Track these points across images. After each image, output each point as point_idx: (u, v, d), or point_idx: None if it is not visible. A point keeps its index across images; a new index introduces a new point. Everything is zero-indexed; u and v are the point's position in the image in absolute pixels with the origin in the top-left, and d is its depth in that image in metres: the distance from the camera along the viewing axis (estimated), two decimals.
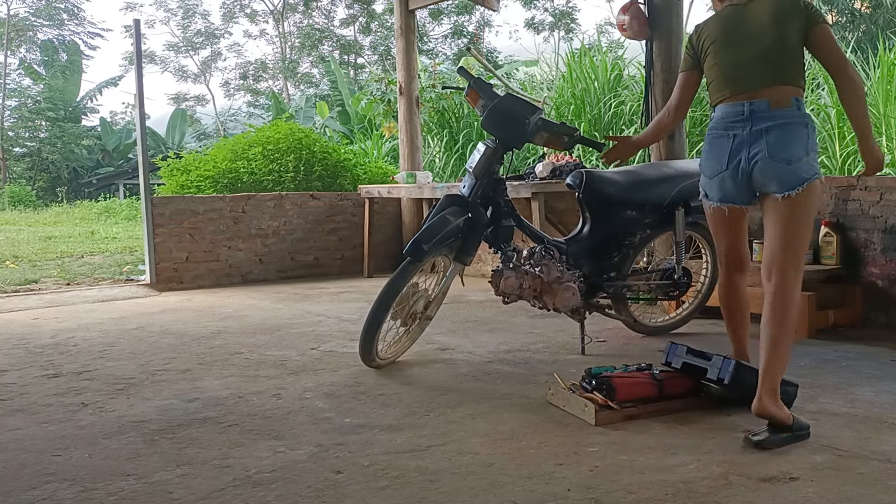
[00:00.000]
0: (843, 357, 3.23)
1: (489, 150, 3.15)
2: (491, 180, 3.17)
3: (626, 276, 3.48)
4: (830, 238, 3.86)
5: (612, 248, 3.42)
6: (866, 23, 13.95)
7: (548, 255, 3.24)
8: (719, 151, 2.53)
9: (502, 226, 3.22)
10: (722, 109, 2.55)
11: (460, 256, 3.15)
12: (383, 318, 3.03)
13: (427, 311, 3.20)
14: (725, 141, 2.51)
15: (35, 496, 1.95)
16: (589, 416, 2.41)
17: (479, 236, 3.15)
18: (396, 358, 3.25)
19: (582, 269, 3.32)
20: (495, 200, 3.21)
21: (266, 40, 45.12)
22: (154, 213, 5.65)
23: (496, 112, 3.14)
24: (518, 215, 3.31)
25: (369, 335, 3.03)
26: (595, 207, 3.37)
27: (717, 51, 2.59)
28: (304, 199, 6.37)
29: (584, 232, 3.40)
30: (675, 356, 2.61)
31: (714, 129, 2.57)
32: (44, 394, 2.89)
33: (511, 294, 3.19)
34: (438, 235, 3.01)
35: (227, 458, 2.18)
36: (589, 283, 3.35)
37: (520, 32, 58.25)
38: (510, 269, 3.17)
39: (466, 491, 1.92)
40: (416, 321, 3.18)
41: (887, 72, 6.90)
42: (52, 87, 26.65)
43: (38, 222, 16.30)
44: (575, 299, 3.19)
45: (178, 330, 4.10)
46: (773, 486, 1.90)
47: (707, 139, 2.60)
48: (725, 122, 2.52)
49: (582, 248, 3.36)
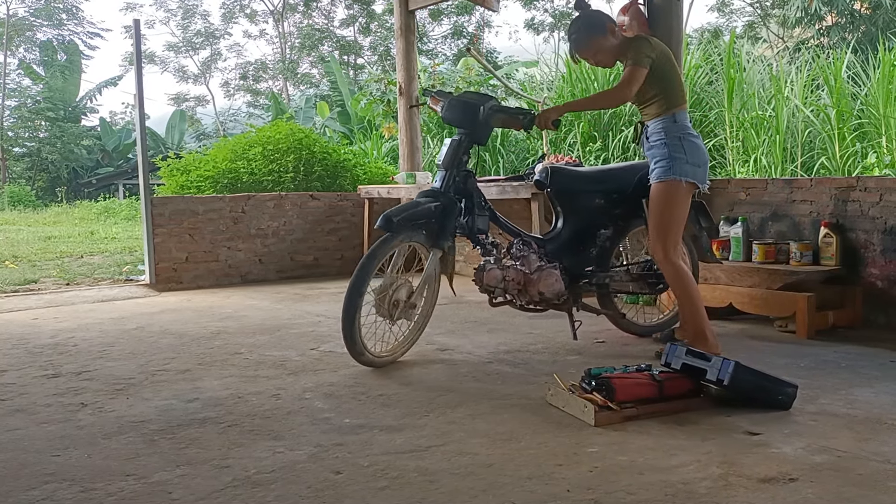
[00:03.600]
0: (843, 358, 3.24)
1: (455, 142, 3.28)
2: (461, 172, 3.26)
3: (606, 268, 3.55)
4: (830, 239, 3.86)
5: (588, 242, 3.51)
6: (866, 24, 13.94)
7: (526, 248, 3.35)
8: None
9: (476, 216, 3.29)
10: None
11: (436, 241, 3.19)
12: (359, 302, 3.01)
13: (411, 300, 3.16)
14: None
15: (34, 496, 1.95)
16: (588, 416, 2.41)
17: (451, 220, 3.20)
18: (396, 358, 3.25)
19: (562, 263, 3.39)
20: (467, 192, 3.28)
21: (266, 40, 45.26)
22: (154, 213, 5.65)
23: (452, 105, 3.36)
24: (492, 209, 3.39)
25: (348, 321, 3.00)
26: (564, 201, 3.53)
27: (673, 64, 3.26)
28: (303, 200, 6.37)
29: (558, 227, 3.53)
30: (675, 357, 2.62)
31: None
32: (43, 394, 2.89)
33: (495, 288, 3.27)
34: (408, 210, 3.11)
35: (227, 458, 2.18)
36: (570, 276, 3.42)
37: (520, 33, 58.40)
38: (492, 263, 3.26)
39: (466, 491, 1.92)
40: (398, 308, 3.13)
41: (887, 72, 6.90)
42: (52, 87, 26.65)
43: (37, 222, 16.29)
44: (559, 284, 3.30)
45: (177, 330, 4.10)
46: (772, 487, 1.90)
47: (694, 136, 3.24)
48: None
49: (559, 243, 3.47)
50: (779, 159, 7.07)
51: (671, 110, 3.22)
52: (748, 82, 7.86)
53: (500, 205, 5.26)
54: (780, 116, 7.16)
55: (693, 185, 3.21)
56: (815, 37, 14.95)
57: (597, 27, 3.27)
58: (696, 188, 3.23)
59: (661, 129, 3.22)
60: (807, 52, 10.15)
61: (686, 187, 3.19)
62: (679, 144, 3.19)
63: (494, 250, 3.33)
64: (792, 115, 7.37)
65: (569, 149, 8.06)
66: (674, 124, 3.21)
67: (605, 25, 3.26)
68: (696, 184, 3.21)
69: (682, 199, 3.22)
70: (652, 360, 2.98)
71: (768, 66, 9.09)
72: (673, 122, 3.22)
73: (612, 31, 3.28)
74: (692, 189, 3.23)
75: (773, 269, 3.82)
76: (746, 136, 7.37)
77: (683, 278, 3.23)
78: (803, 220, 4.11)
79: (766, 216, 4.28)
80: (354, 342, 3.05)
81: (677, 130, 3.21)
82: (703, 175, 3.26)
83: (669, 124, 3.21)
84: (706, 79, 8.33)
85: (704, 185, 3.27)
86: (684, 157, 3.18)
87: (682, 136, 3.20)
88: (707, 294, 4.00)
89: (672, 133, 3.20)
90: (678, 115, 3.23)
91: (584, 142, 7.92)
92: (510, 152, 9.04)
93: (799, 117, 7.33)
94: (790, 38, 16.86)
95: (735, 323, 4.03)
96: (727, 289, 3.94)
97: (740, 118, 7.48)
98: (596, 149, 7.70)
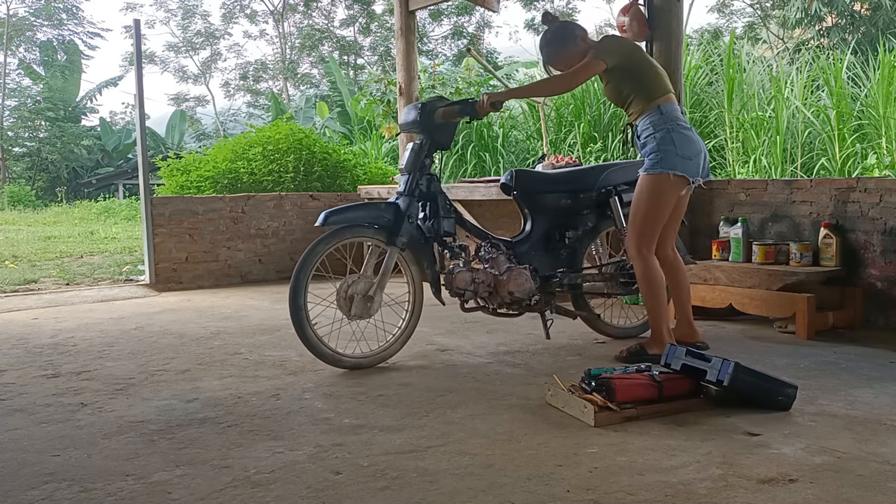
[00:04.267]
0: (843, 359, 3.24)
1: (416, 146, 3.30)
2: (424, 176, 3.28)
3: (577, 269, 3.55)
4: (830, 240, 3.86)
5: (557, 243, 3.52)
6: (866, 25, 13.94)
7: (495, 250, 3.36)
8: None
9: (442, 219, 3.29)
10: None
11: (391, 238, 3.19)
12: (302, 301, 3.03)
13: (369, 293, 3.15)
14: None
15: (34, 496, 1.94)
16: (588, 417, 2.41)
17: (404, 219, 3.19)
18: (375, 362, 3.21)
19: (532, 264, 3.40)
20: (431, 195, 3.29)
21: (266, 41, 45.27)
22: (153, 213, 5.65)
23: (405, 112, 3.40)
24: (458, 212, 3.40)
25: (296, 307, 3.02)
26: (531, 203, 3.54)
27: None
28: (303, 200, 6.37)
29: (526, 229, 3.53)
30: (675, 357, 2.62)
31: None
32: (43, 394, 2.89)
33: (465, 290, 3.26)
34: (351, 209, 3.19)
35: (227, 458, 2.18)
36: (541, 277, 3.42)
37: (520, 33, 58.23)
38: (461, 266, 3.26)
39: (466, 492, 1.92)
40: (353, 302, 3.13)
41: (887, 74, 6.90)
42: (52, 87, 26.65)
43: (37, 222, 16.30)
44: (529, 284, 3.30)
45: (177, 330, 4.10)
46: (772, 488, 1.90)
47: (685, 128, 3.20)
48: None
49: (528, 245, 3.48)
50: (779, 160, 7.07)
51: (654, 103, 3.17)
52: (748, 83, 7.86)
53: (495, 206, 5.28)
54: (780, 117, 7.16)
55: (683, 178, 3.14)
56: (815, 38, 14.95)
57: (566, 38, 3.32)
58: (687, 182, 3.16)
59: (648, 125, 3.18)
60: (807, 53, 10.16)
61: (675, 181, 3.13)
62: (668, 136, 3.14)
63: (463, 253, 3.31)
64: (792, 116, 7.37)
65: (569, 149, 8.06)
66: (661, 116, 3.15)
67: (576, 35, 3.31)
68: (686, 177, 3.15)
69: (666, 193, 3.17)
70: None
71: (768, 66, 9.09)
72: (659, 114, 3.16)
73: (582, 38, 3.31)
74: (682, 183, 3.16)
75: (773, 269, 3.82)
76: (746, 136, 7.37)
77: (653, 277, 3.22)
78: (803, 220, 4.11)
79: (766, 217, 4.28)
80: (304, 329, 3.04)
81: (665, 122, 3.15)
82: (696, 168, 3.17)
83: (656, 118, 3.16)
84: (706, 79, 8.33)
85: (698, 178, 3.19)
86: (674, 150, 3.12)
87: (671, 127, 3.14)
88: (707, 295, 4.01)
89: (659, 126, 3.15)
90: (664, 106, 3.17)
91: (585, 142, 7.92)
92: (510, 153, 9.04)
93: (799, 118, 7.34)
94: (790, 39, 16.86)
95: (735, 323, 4.03)
96: (727, 289, 3.94)
97: (740, 119, 7.48)
98: (596, 149, 7.70)
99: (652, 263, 3.22)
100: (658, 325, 3.25)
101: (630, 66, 3.20)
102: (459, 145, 9.00)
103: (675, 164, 3.12)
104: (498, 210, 5.32)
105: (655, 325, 3.26)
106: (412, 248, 3.26)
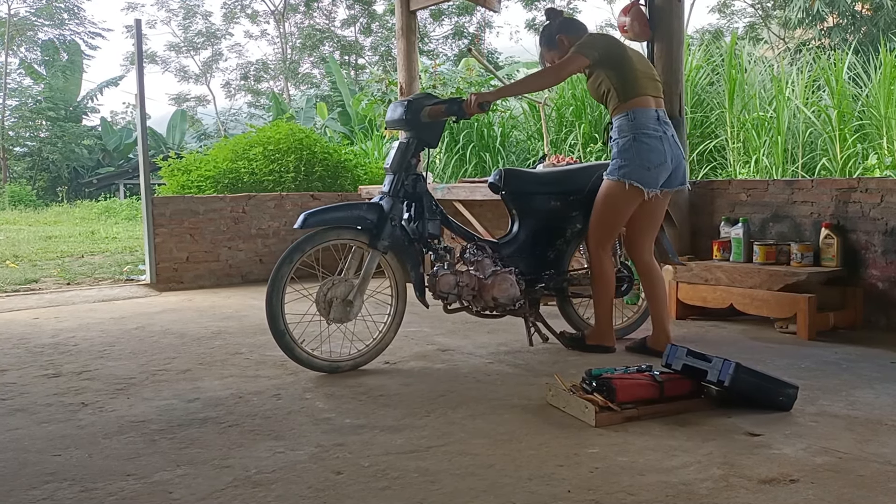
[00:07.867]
0: (844, 359, 3.23)
1: (402, 145, 3.23)
2: (409, 176, 3.21)
3: (564, 272, 3.51)
4: (831, 240, 3.86)
5: (545, 245, 3.46)
6: (867, 25, 13.94)
7: (480, 252, 3.29)
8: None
9: (427, 221, 3.23)
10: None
11: (373, 241, 3.13)
12: (279, 304, 3.05)
13: (349, 297, 3.10)
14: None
15: (35, 496, 1.95)
16: (589, 417, 2.41)
17: (387, 221, 3.13)
18: (355, 365, 3.17)
19: (518, 267, 3.35)
20: (417, 196, 3.23)
21: (267, 41, 45.20)
22: (154, 213, 5.65)
23: (391, 108, 3.35)
24: (444, 213, 3.33)
25: (272, 305, 3.03)
26: (519, 204, 3.47)
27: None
28: (304, 200, 6.37)
29: (514, 231, 3.47)
30: (675, 358, 2.61)
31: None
32: (44, 393, 2.89)
33: (449, 294, 3.21)
34: (332, 210, 3.11)
35: (227, 458, 2.18)
36: (526, 280, 3.37)
37: (521, 34, 58.22)
38: (445, 269, 3.21)
39: (467, 492, 1.92)
40: (332, 306, 3.10)
41: (888, 74, 6.89)
42: (53, 86, 26.64)
43: (38, 222, 16.30)
44: (514, 289, 3.26)
45: (178, 330, 4.10)
46: (773, 488, 1.90)
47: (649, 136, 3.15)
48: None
49: (514, 247, 3.41)
50: (780, 160, 7.06)
51: (626, 106, 3.16)
52: (749, 83, 7.85)
53: (496, 206, 5.27)
54: (781, 117, 7.16)
55: (638, 189, 3.13)
56: (817, 38, 14.94)
57: (550, 42, 3.44)
58: (642, 193, 3.15)
59: (617, 127, 3.19)
60: (808, 53, 10.15)
61: (630, 190, 3.14)
62: (629, 145, 3.13)
63: (448, 255, 3.25)
64: (793, 116, 7.36)
65: (570, 150, 8.06)
66: (630, 122, 3.14)
67: (555, 39, 3.40)
68: (641, 188, 3.13)
69: (620, 201, 3.19)
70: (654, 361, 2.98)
71: (769, 67, 9.08)
72: (629, 120, 3.15)
73: (560, 42, 3.37)
74: (637, 193, 3.15)
75: (774, 270, 3.82)
76: (747, 136, 7.36)
77: (603, 276, 3.31)
78: (804, 221, 4.11)
79: (766, 217, 4.27)
80: (279, 328, 3.03)
81: (632, 129, 3.13)
82: (654, 178, 3.14)
83: (625, 123, 3.16)
84: (707, 80, 8.32)
85: (655, 190, 3.16)
86: (633, 158, 3.12)
87: (635, 135, 3.12)
88: (708, 295, 4.01)
89: (625, 132, 3.15)
90: (636, 112, 3.14)
91: (585, 143, 7.92)
92: (511, 153, 9.04)
93: (800, 118, 7.33)
94: (791, 40, 16.86)
95: (736, 324, 4.03)
96: (728, 290, 3.94)
97: (741, 119, 7.47)
98: (597, 149, 7.69)
99: (606, 263, 3.32)
100: (603, 326, 3.38)
101: (609, 62, 3.20)
102: (460, 145, 9.00)
103: (630, 173, 3.12)
104: (499, 210, 5.32)
105: (602, 326, 3.38)
106: (395, 251, 3.20)
